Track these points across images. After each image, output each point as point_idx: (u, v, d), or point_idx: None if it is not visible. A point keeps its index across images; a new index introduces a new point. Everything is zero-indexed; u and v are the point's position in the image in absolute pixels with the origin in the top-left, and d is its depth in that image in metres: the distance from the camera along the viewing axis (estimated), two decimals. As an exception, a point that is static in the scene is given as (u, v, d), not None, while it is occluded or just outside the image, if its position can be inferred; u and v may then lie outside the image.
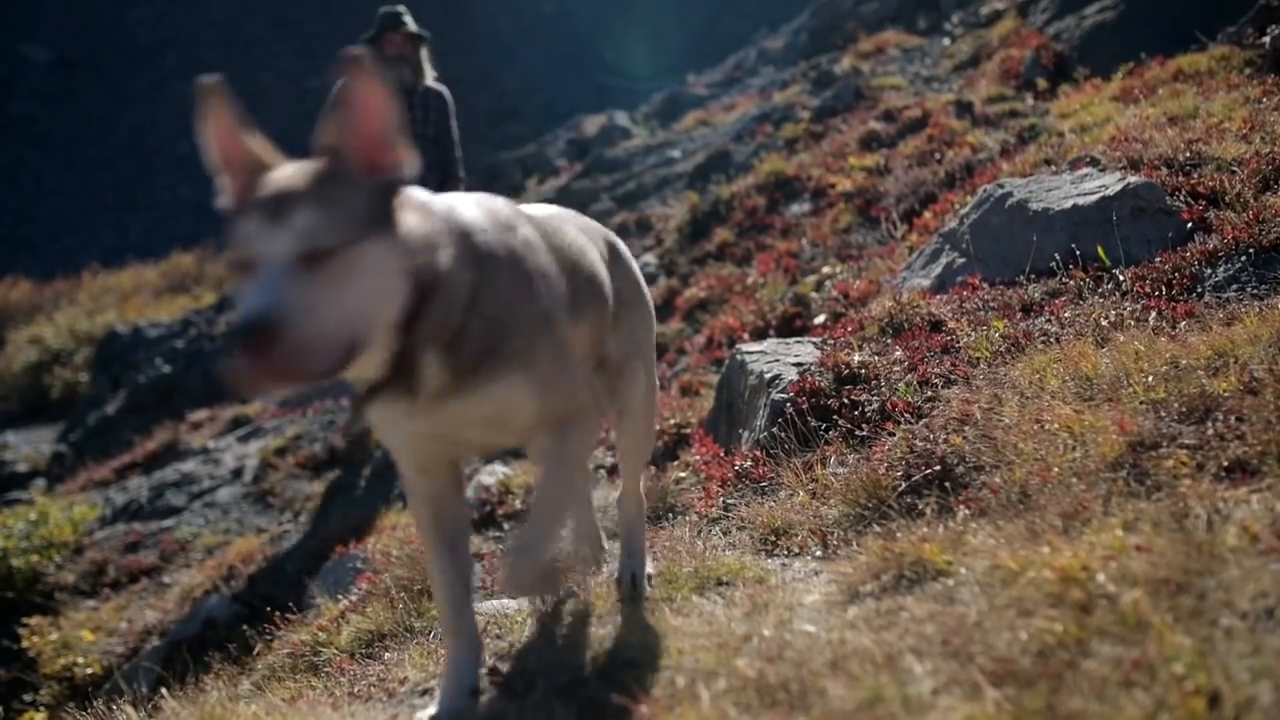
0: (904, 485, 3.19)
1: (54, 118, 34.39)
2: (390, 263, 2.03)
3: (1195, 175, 4.67)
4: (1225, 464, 2.62)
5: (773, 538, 3.38)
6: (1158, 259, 4.15)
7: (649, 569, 3.19)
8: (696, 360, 6.43)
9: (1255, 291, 3.73)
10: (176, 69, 36.77)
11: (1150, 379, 3.10)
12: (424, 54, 7.32)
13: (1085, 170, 5.02)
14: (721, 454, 4.57)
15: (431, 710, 2.49)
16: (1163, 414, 2.92)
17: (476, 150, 26.43)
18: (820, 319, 5.66)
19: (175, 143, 34.14)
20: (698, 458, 4.52)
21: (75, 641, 6.47)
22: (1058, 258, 4.33)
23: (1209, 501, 2.43)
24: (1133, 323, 3.67)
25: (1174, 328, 3.54)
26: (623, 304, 2.92)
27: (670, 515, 4.27)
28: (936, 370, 3.90)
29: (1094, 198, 4.55)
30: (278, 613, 5.29)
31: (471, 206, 2.34)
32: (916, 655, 2.07)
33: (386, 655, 3.56)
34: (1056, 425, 3.02)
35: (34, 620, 6.85)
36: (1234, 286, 3.82)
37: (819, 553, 3.12)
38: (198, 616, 5.82)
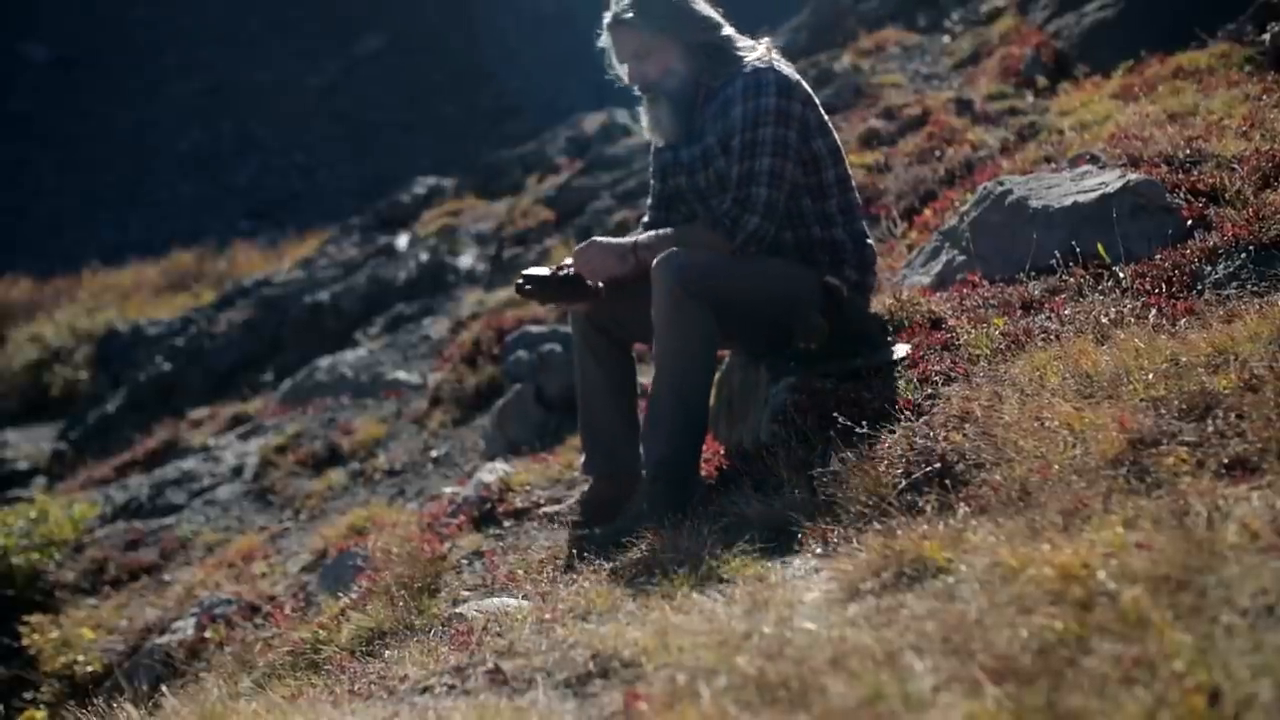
0: (904, 483, 3.19)
1: (53, 116, 34.38)
2: None
3: (1195, 172, 4.67)
4: (1225, 461, 2.63)
5: (772, 535, 3.38)
6: (1158, 256, 4.14)
7: None
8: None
9: (1255, 289, 3.73)
10: (176, 68, 36.77)
11: (1150, 376, 3.11)
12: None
13: (1085, 167, 5.02)
14: (721, 451, 4.57)
15: None
16: (1163, 411, 2.92)
17: (477, 148, 26.39)
18: (820, 316, 5.65)
19: (175, 141, 34.14)
20: (698, 455, 4.52)
21: (75, 639, 6.47)
22: (1058, 255, 4.33)
23: (1209, 498, 2.43)
24: (1133, 320, 3.67)
25: (1174, 325, 3.54)
26: None
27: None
28: (937, 368, 3.90)
29: (1094, 195, 4.55)
30: (278, 610, 5.30)
31: None
32: (917, 652, 2.08)
33: (387, 653, 3.57)
34: (1057, 422, 3.02)
35: (34, 618, 6.85)
36: (1234, 284, 3.82)
37: (819, 550, 3.12)
38: (198, 614, 5.82)
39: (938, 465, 3.18)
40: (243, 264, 18.72)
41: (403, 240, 13.83)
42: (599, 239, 4.23)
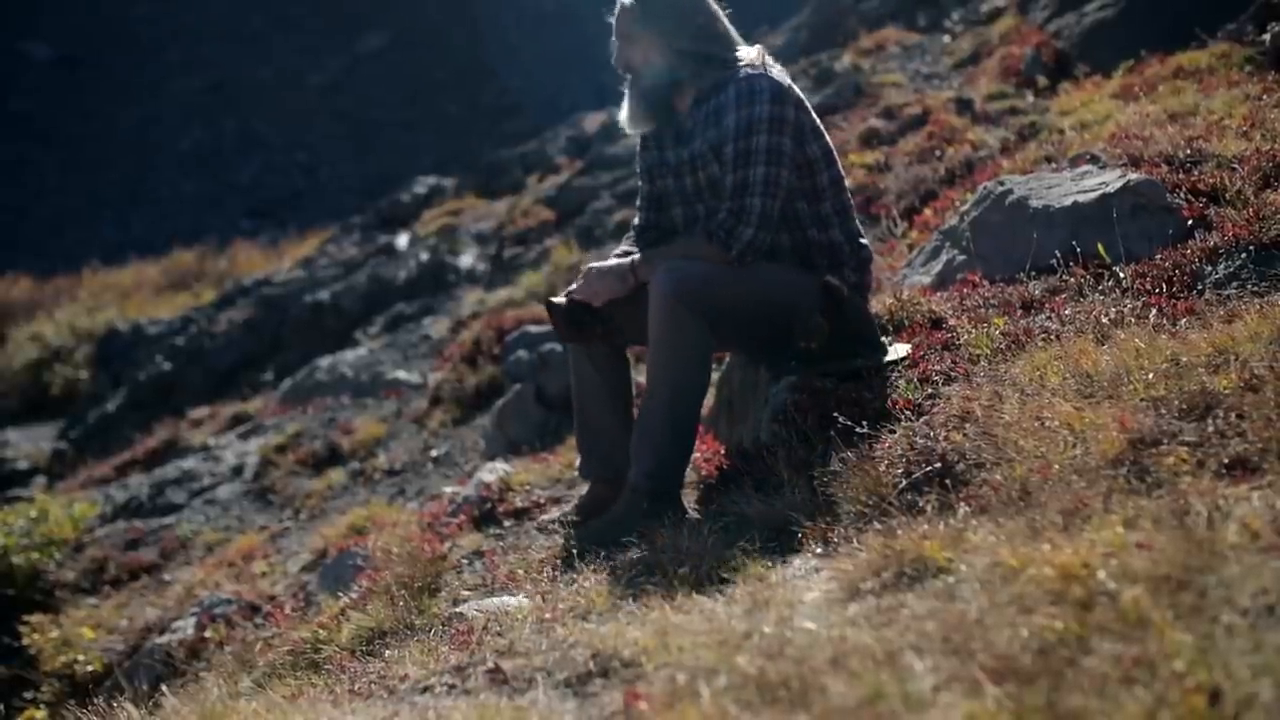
0: (904, 482, 3.19)
1: (55, 114, 34.38)
2: None
3: (1195, 172, 4.66)
4: (1226, 461, 2.63)
5: (773, 535, 3.38)
6: (1158, 256, 4.14)
7: None
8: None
9: (1255, 289, 3.73)
10: (178, 65, 36.76)
11: (1151, 376, 3.10)
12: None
13: (1086, 167, 5.02)
14: (721, 451, 4.57)
15: None
16: (1163, 411, 2.92)
17: (479, 146, 26.39)
18: (821, 316, 5.65)
19: (177, 139, 34.14)
20: (698, 455, 4.52)
21: (76, 639, 6.48)
22: (1058, 255, 4.33)
23: (1209, 498, 2.43)
24: (1133, 320, 3.67)
25: (1174, 325, 3.54)
26: None
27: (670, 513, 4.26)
28: (937, 367, 3.90)
29: (1094, 195, 4.55)
30: (278, 610, 5.30)
31: None
32: (917, 652, 2.08)
33: (387, 653, 3.57)
34: (1057, 422, 3.02)
35: (34, 618, 6.86)
36: (1234, 284, 3.82)
37: (819, 550, 3.12)
38: (198, 614, 5.82)
39: (938, 465, 3.18)
40: (243, 263, 18.73)
41: (403, 240, 13.83)
42: (596, 265, 4.21)
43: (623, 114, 4.35)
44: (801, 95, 4.16)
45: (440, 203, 15.01)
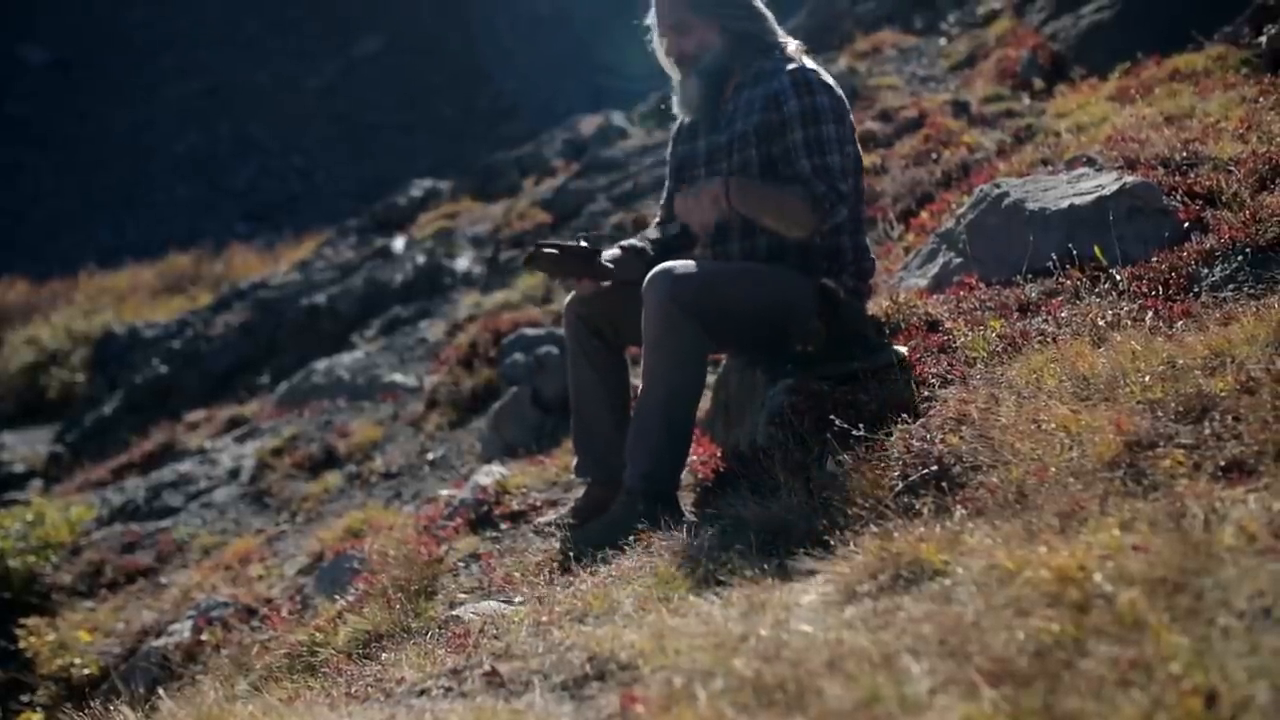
0: (901, 485, 3.19)
1: (50, 118, 34.37)
2: None
3: (1192, 175, 4.67)
4: (1222, 463, 2.63)
5: (769, 537, 3.38)
6: (1154, 258, 4.14)
7: None
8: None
9: (1252, 291, 3.73)
10: (173, 69, 36.77)
11: (1147, 378, 3.10)
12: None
13: (1082, 170, 5.02)
14: (718, 454, 4.57)
15: None
16: (1160, 414, 2.92)
17: (475, 150, 26.38)
18: (817, 318, 5.64)
19: (172, 143, 34.13)
20: (694, 458, 4.52)
21: (72, 642, 6.47)
22: (1054, 257, 4.33)
23: (1206, 501, 2.43)
24: (1130, 322, 3.67)
25: (1171, 327, 3.54)
26: None
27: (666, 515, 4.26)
28: (933, 370, 3.90)
29: (1090, 197, 4.55)
30: (275, 613, 5.30)
31: None
32: (913, 655, 2.07)
33: (383, 655, 3.57)
34: (1053, 425, 3.02)
35: (31, 621, 6.85)
36: (1230, 286, 3.82)
37: (816, 553, 3.12)
38: (195, 617, 5.81)
39: (934, 468, 3.17)
40: (239, 266, 18.72)
41: (399, 243, 13.82)
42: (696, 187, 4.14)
43: (677, 102, 4.44)
44: (844, 97, 4.27)
45: (436, 206, 15.00)
